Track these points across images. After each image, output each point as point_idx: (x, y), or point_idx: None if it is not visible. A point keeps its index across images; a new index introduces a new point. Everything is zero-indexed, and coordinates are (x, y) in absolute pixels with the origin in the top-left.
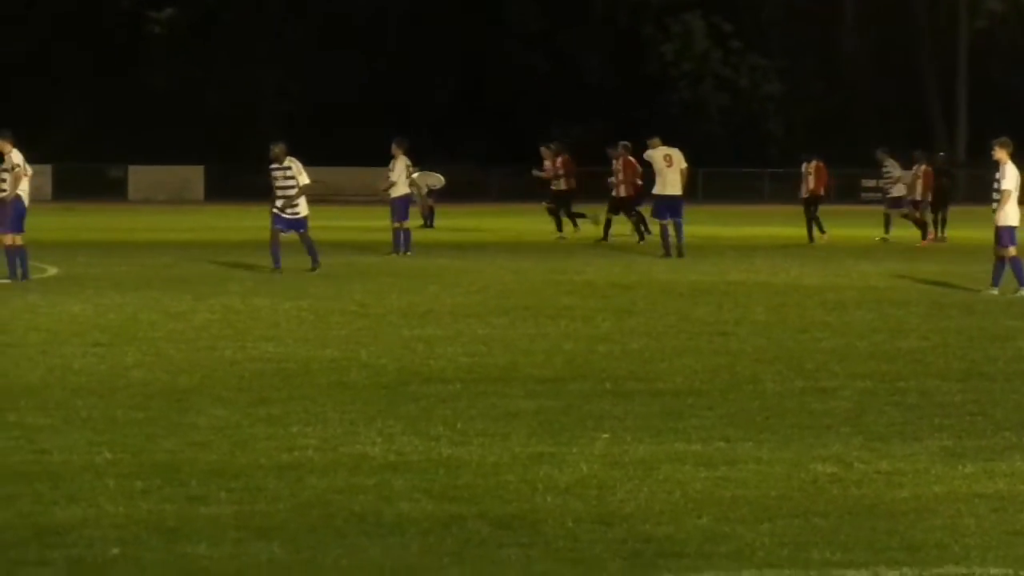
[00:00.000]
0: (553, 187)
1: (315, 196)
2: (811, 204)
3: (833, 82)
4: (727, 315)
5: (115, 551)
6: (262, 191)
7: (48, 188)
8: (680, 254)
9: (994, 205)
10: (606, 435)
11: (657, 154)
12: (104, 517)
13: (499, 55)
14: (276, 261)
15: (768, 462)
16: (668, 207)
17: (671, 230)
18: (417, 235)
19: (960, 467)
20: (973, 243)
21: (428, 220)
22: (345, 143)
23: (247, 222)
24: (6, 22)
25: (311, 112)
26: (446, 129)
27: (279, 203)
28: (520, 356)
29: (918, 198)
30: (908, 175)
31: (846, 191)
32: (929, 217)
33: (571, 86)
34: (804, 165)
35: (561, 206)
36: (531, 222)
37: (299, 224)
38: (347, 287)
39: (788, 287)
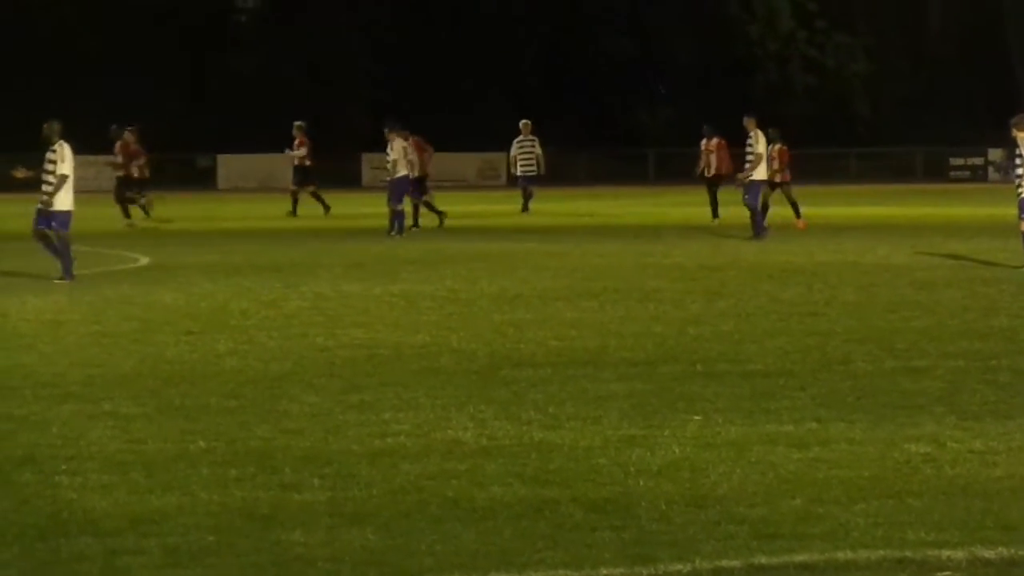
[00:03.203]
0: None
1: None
2: (714, 184)
3: (919, 60)
4: (817, 296)
5: (210, 539)
6: (350, 179)
7: None
8: None
9: (1019, 180)
10: (698, 417)
11: None
12: (198, 505)
13: (585, 38)
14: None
15: (861, 442)
16: None
17: None
18: (512, 220)
19: None
20: None
21: (525, 204)
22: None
23: (335, 209)
24: (89, 17)
25: (394, 96)
26: (534, 112)
27: (45, 193)
28: (610, 339)
29: (777, 179)
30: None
31: (934, 169)
32: (795, 195)
33: (657, 68)
34: (704, 142)
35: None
36: (619, 205)
37: (52, 219)
38: (436, 272)
39: (877, 267)
